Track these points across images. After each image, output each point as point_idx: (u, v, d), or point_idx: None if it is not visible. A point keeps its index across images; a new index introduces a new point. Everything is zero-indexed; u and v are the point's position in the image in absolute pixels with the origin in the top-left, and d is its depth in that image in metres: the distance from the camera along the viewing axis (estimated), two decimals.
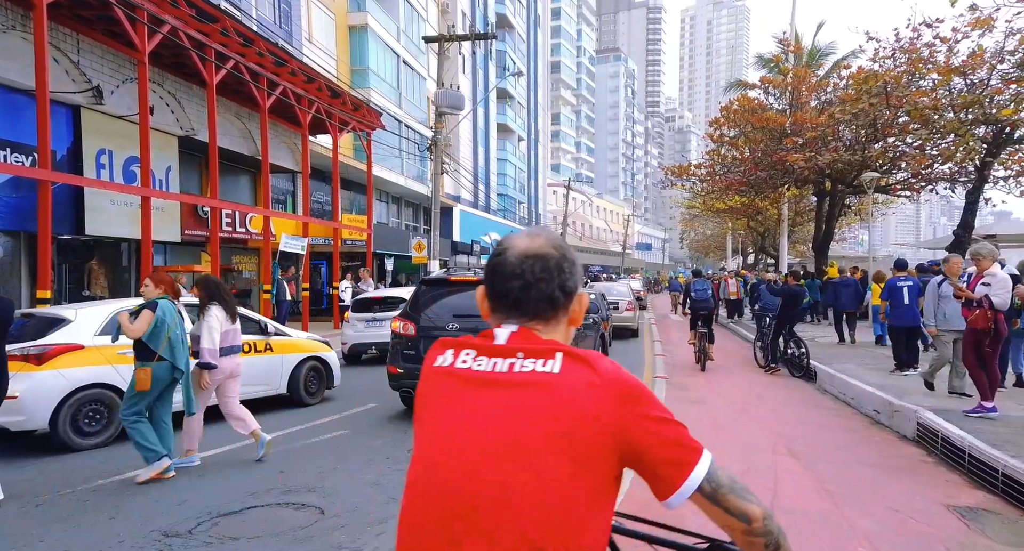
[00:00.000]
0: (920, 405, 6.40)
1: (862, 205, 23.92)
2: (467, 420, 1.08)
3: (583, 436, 1.02)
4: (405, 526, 1.10)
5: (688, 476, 1.06)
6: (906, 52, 13.88)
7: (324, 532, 3.86)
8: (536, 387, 1.06)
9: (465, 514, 1.02)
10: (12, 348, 5.53)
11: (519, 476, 1.00)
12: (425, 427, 1.15)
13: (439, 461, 1.08)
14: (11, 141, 10.80)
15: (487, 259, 1.26)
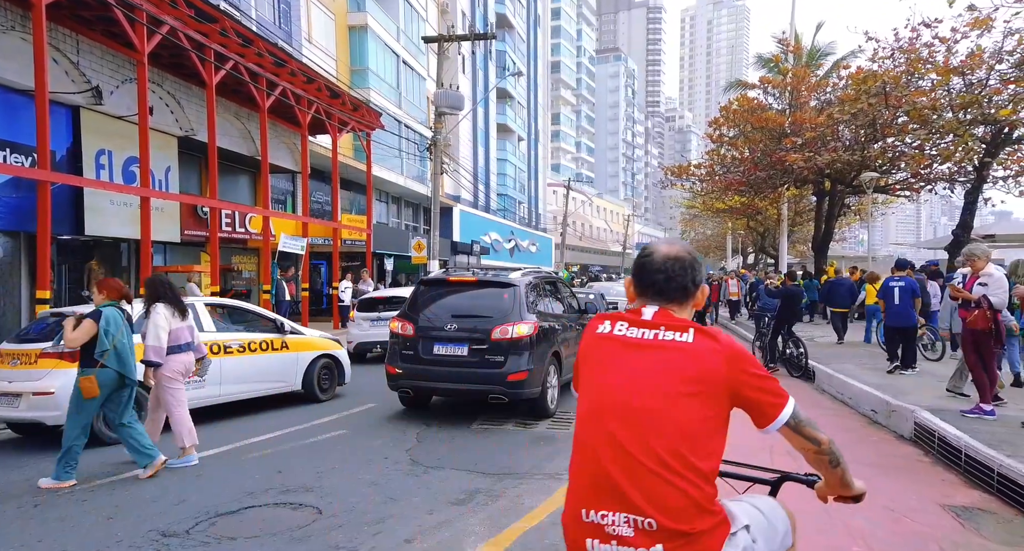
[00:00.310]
0: (917, 405, 6.41)
1: (861, 205, 23.94)
2: (625, 370, 1.57)
3: (707, 384, 1.52)
4: (581, 443, 1.59)
5: (779, 414, 1.60)
6: (905, 52, 13.89)
7: (321, 532, 3.87)
8: (675, 350, 1.55)
9: (632, 434, 1.50)
10: (46, 346, 5.93)
11: (665, 408, 1.50)
12: (592, 376, 1.64)
13: (607, 397, 1.57)
14: (10, 141, 10.82)
15: (635, 259, 1.76)
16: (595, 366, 1.64)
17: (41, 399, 5.70)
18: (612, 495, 1.50)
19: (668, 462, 1.47)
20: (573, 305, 8.76)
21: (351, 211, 23.62)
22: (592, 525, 1.51)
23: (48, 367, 5.82)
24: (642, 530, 1.46)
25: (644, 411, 1.51)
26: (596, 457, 1.53)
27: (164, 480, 4.93)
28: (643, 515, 1.46)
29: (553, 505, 4.33)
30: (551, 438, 6.27)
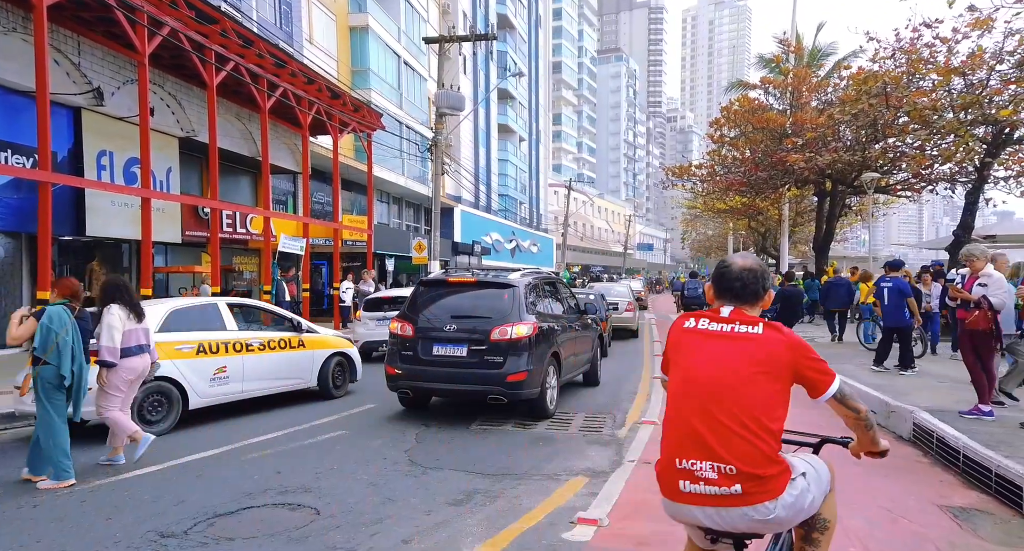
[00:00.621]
0: (916, 406, 6.41)
1: (863, 205, 23.91)
2: (710, 355, 2.05)
3: (773, 366, 2.01)
4: (676, 409, 2.07)
5: (828, 389, 2.08)
6: (906, 53, 13.88)
7: (319, 532, 3.88)
8: (747, 340, 2.04)
9: (715, 402, 1.98)
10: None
11: (742, 384, 1.98)
12: (682, 360, 2.13)
13: (696, 376, 2.05)
14: (12, 142, 10.85)
15: (715, 268, 2.26)
16: (685, 352, 2.13)
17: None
18: (701, 448, 1.98)
19: (746, 424, 1.95)
20: (573, 306, 8.76)
21: (352, 212, 23.64)
22: (684, 470, 2.00)
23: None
24: (724, 474, 1.95)
25: (726, 386, 1.99)
26: (688, 420, 2.02)
27: (163, 480, 4.94)
28: (725, 463, 1.94)
29: (551, 505, 4.34)
30: (550, 439, 6.27)
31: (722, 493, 1.94)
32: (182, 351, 6.73)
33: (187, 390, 6.73)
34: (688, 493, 1.99)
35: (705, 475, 1.96)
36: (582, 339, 8.61)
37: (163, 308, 6.93)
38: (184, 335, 6.84)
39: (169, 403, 6.57)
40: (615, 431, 6.57)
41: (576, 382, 9.18)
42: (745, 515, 1.96)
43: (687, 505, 2.01)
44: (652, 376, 10.17)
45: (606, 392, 8.89)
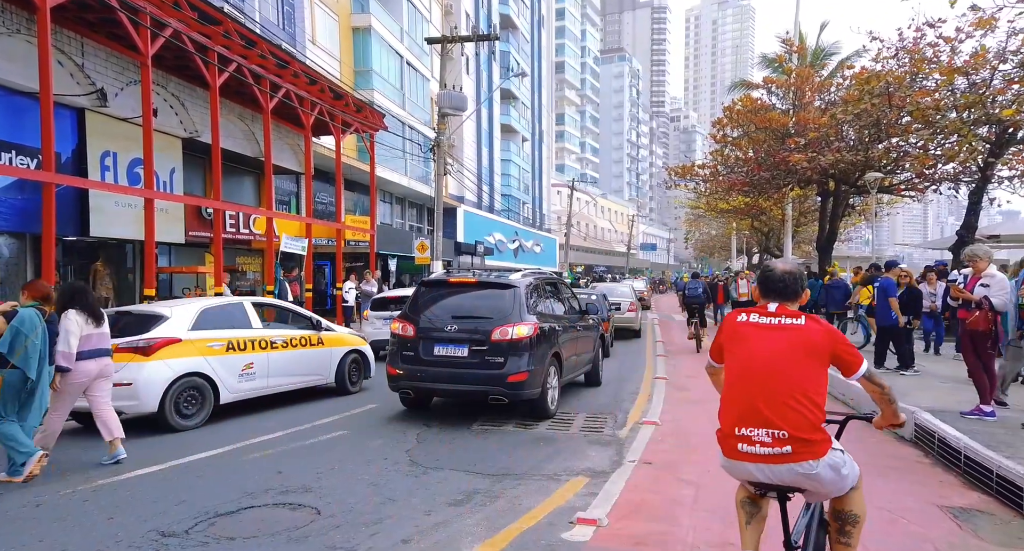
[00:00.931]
0: (917, 406, 6.39)
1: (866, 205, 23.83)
2: (763, 343, 2.49)
3: (816, 350, 2.43)
4: (735, 387, 2.53)
5: (859, 369, 2.48)
6: (909, 52, 13.83)
7: (319, 532, 3.89)
8: (793, 330, 2.47)
9: (770, 380, 2.41)
10: (119, 341, 6.32)
11: (791, 365, 2.41)
12: (737, 348, 2.57)
13: (752, 360, 2.48)
14: (16, 143, 10.89)
15: (760, 272, 2.72)
16: (740, 341, 2.57)
17: (120, 390, 6.12)
18: (758, 418, 2.42)
19: (796, 397, 2.38)
20: (574, 306, 8.77)
21: (355, 212, 23.68)
22: (743, 436, 2.45)
23: (124, 361, 6.29)
24: (777, 438, 2.38)
25: (778, 368, 2.43)
26: (747, 396, 2.46)
27: (164, 480, 4.97)
28: (778, 429, 2.38)
29: (551, 505, 4.35)
30: (551, 439, 6.28)
31: (774, 453, 2.38)
32: (213, 348, 7.02)
33: (218, 386, 7.04)
34: (745, 453, 2.44)
35: (760, 439, 2.40)
36: (583, 339, 8.62)
37: (194, 307, 7.22)
38: (214, 333, 7.12)
39: (202, 398, 6.88)
40: (616, 431, 6.57)
41: (578, 382, 9.19)
42: (792, 470, 2.39)
43: (744, 463, 2.47)
44: (654, 377, 10.17)
45: (608, 392, 8.89)
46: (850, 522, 2.59)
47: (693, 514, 4.25)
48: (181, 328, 6.86)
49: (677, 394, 8.75)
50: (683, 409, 7.77)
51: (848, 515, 2.59)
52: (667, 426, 6.80)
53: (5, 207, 10.86)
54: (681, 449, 5.93)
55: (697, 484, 4.88)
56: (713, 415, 7.85)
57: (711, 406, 8.12)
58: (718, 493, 4.68)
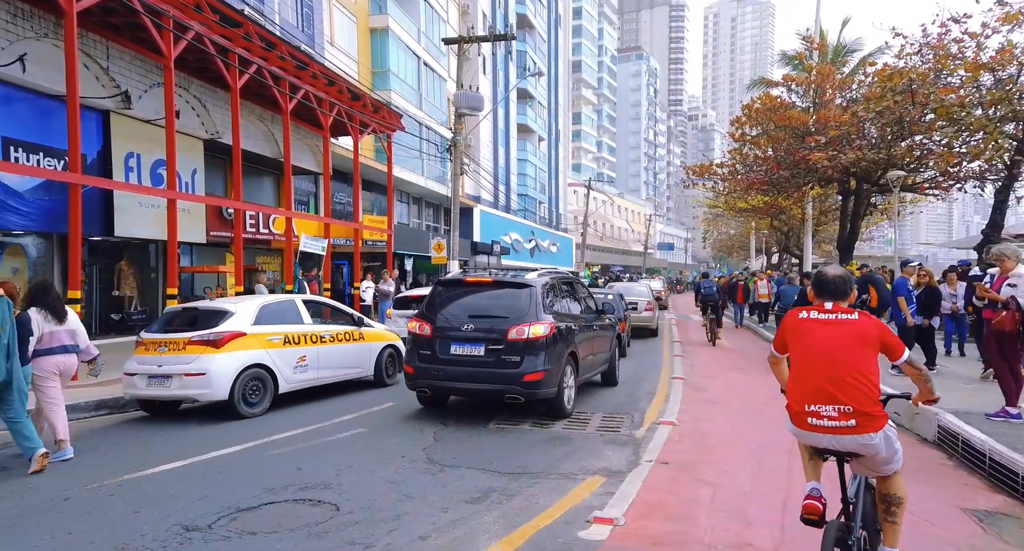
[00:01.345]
0: (941, 408, 6.29)
1: (888, 204, 23.46)
2: (825, 335, 2.91)
3: (869, 339, 2.86)
4: (802, 371, 2.94)
5: (903, 354, 2.94)
6: (933, 48, 13.60)
7: (338, 528, 3.94)
8: (850, 323, 2.91)
9: (835, 365, 2.84)
10: (192, 334, 7.08)
11: (852, 352, 2.85)
12: (800, 340, 2.99)
13: (815, 348, 2.91)
14: (43, 145, 11.14)
15: (814, 277, 3.19)
16: (803, 334, 3.01)
17: (193, 379, 6.84)
18: (826, 396, 2.86)
19: (857, 378, 2.83)
20: (591, 306, 8.75)
21: (372, 212, 23.85)
22: (812, 412, 2.89)
23: (197, 352, 6.95)
24: (843, 413, 2.82)
25: (840, 354, 2.87)
26: (814, 378, 2.90)
27: (187, 476, 5.06)
28: (843, 404, 2.82)
29: (568, 504, 4.36)
30: (567, 438, 6.28)
31: (840, 426, 2.83)
32: (272, 342, 7.57)
33: (277, 376, 7.58)
34: (814, 425, 2.90)
35: (828, 414, 2.85)
36: (600, 339, 8.60)
37: (255, 303, 7.83)
38: (273, 328, 7.68)
39: (264, 388, 7.45)
40: (633, 431, 6.55)
41: (594, 382, 9.18)
42: (854, 440, 2.84)
43: (813, 433, 2.93)
44: (671, 377, 10.11)
45: (624, 392, 8.87)
46: (895, 504, 3.04)
47: (711, 514, 4.23)
48: (245, 323, 7.40)
49: (694, 394, 8.70)
50: (701, 409, 7.72)
51: (893, 497, 3.04)
52: (684, 426, 6.76)
53: (33, 208, 11.10)
54: (698, 449, 5.90)
55: (715, 484, 4.86)
56: (730, 416, 7.82)
57: (728, 406, 8.11)
58: (736, 494, 4.65)
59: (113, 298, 14.13)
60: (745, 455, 5.75)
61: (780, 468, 5.30)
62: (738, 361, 12.63)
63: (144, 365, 7.12)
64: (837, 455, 2.96)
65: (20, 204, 10.89)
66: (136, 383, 7.10)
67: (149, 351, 7.20)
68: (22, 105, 10.79)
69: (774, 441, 6.24)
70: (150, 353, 7.18)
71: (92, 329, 13.20)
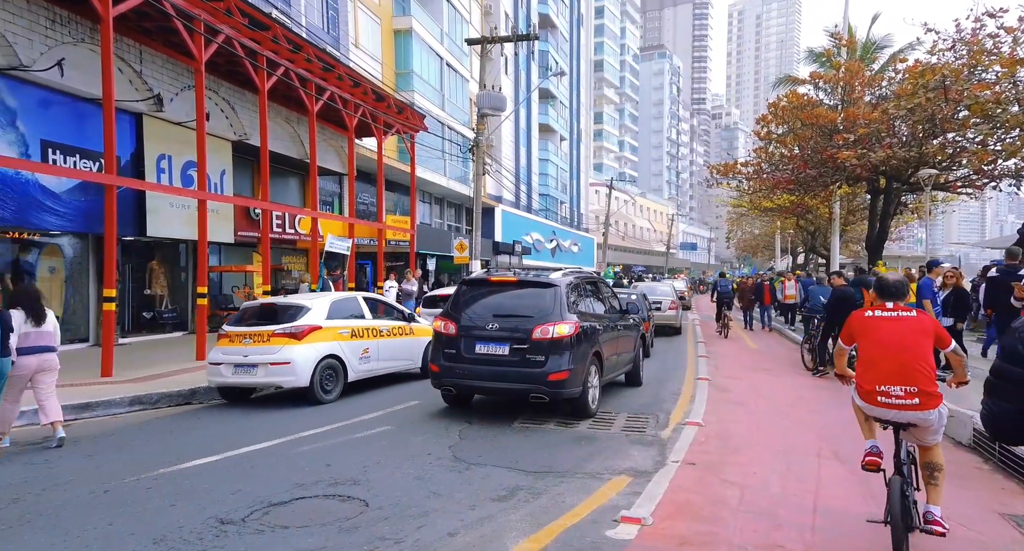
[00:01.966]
0: (976, 410, 6.15)
1: (919, 203, 22.96)
2: (891, 329, 3.57)
3: (926, 331, 3.54)
4: (873, 358, 3.57)
5: (951, 344, 3.61)
6: (967, 44, 13.29)
7: (368, 524, 4.00)
8: (910, 319, 3.58)
9: (901, 353, 3.49)
10: (275, 328, 7.71)
11: (914, 342, 3.50)
12: (869, 333, 3.63)
13: (883, 341, 3.55)
14: (80, 147, 11.46)
15: (875, 283, 3.88)
16: (872, 329, 3.62)
17: (279, 367, 7.53)
18: (894, 378, 3.46)
19: (919, 362, 3.44)
20: (614, 305, 8.73)
21: (395, 212, 24.05)
22: (882, 392, 3.48)
23: (280, 344, 7.61)
24: (908, 392, 3.41)
25: (906, 344, 3.48)
26: (885, 365, 3.50)
27: (220, 470, 5.17)
28: (909, 385, 3.42)
29: (594, 503, 4.36)
30: (592, 438, 6.28)
31: (906, 403, 3.43)
32: (342, 334, 8.21)
33: (347, 366, 8.21)
34: (884, 403, 3.50)
35: (896, 394, 3.45)
36: (624, 339, 8.57)
37: (327, 299, 8.46)
38: (342, 322, 8.33)
39: (337, 376, 8.12)
40: (658, 432, 6.53)
41: (618, 382, 9.15)
42: (916, 415, 3.44)
43: (883, 409, 3.52)
44: (696, 377, 10.04)
45: (648, 393, 8.83)
46: (936, 469, 3.60)
47: (739, 515, 4.20)
48: (320, 317, 8.02)
49: (720, 395, 8.63)
50: (726, 410, 7.66)
51: (935, 465, 3.61)
52: (710, 427, 6.72)
53: (70, 209, 11.43)
54: (725, 450, 5.85)
55: (742, 485, 4.82)
56: (756, 417, 7.74)
57: (754, 408, 8.04)
58: (764, 495, 4.61)
59: (145, 297, 14.47)
60: (772, 457, 5.69)
61: (809, 470, 5.24)
62: (763, 362, 12.48)
63: (229, 355, 7.72)
64: (895, 425, 3.56)
65: (57, 205, 11.22)
66: (222, 372, 7.71)
67: (234, 343, 7.79)
68: (59, 109, 11.12)
69: (801, 443, 6.17)
70: (235, 345, 7.76)
71: (125, 327, 13.55)
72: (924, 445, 3.60)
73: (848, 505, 4.43)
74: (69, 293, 12.28)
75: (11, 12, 9.58)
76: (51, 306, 5.93)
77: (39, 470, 5.16)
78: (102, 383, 8.34)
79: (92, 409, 7.20)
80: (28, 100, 10.53)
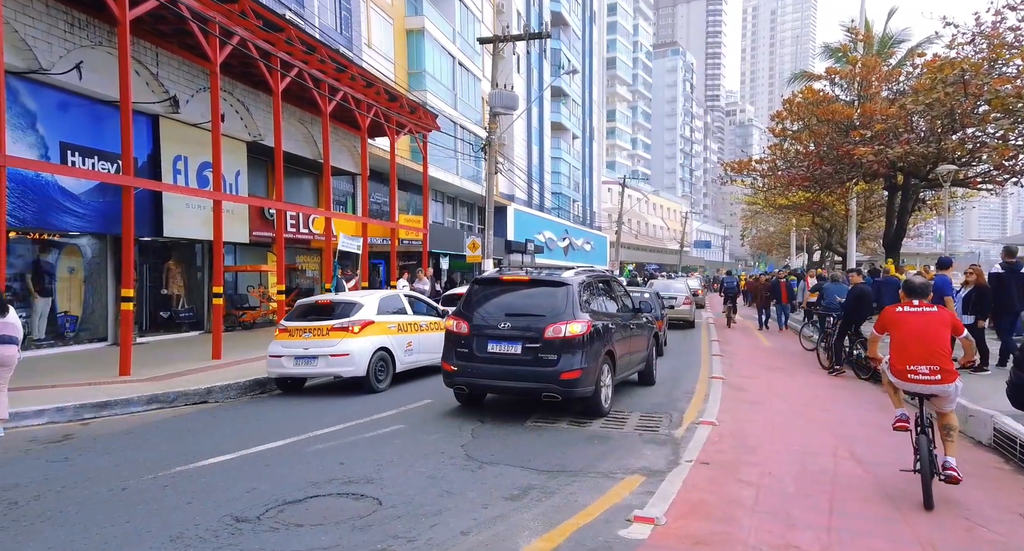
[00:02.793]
0: (997, 410, 6.05)
1: (938, 199, 22.63)
2: (917, 321, 4.58)
3: (945, 323, 4.58)
4: (903, 344, 4.56)
5: (963, 332, 4.70)
6: (987, 37, 13.08)
7: (382, 522, 4.02)
8: (933, 313, 4.61)
9: (926, 340, 4.49)
10: (334, 322, 8.41)
11: (936, 332, 4.51)
12: (898, 325, 4.64)
13: (911, 330, 4.55)
14: (98, 149, 11.62)
15: (904, 284, 4.99)
16: (901, 322, 4.56)
17: (338, 359, 8.28)
18: (921, 359, 4.41)
19: (940, 347, 4.41)
20: (627, 304, 8.69)
21: (408, 211, 24.13)
22: (912, 370, 4.43)
23: (338, 337, 8.34)
24: (932, 370, 4.36)
25: (930, 333, 4.44)
26: (912, 349, 4.45)
27: (235, 469, 5.22)
28: (933, 364, 4.37)
29: (607, 503, 4.35)
30: (605, 437, 6.26)
31: (930, 379, 4.38)
32: (391, 329, 8.98)
33: (395, 358, 8.93)
34: (912, 379, 4.45)
35: (923, 371, 4.40)
36: (637, 338, 8.53)
37: (376, 297, 9.26)
38: (389, 317, 9.07)
39: (387, 367, 8.86)
40: (672, 431, 6.49)
41: (631, 381, 9.11)
42: (938, 388, 4.39)
43: (911, 383, 4.48)
44: (710, 376, 9.97)
45: (661, 392, 8.79)
46: (952, 429, 4.52)
47: (754, 515, 4.17)
48: (372, 312, 8.75)
49: (734, 394, 8.56)
50: (741, 410, 7.60)
51: (950, 426, 4.53)
52: (724, 427, 6.67)
53: (88, 210, 11.59)
54: (739, 450, 5.81)
55: (757, 485, 4.78)
56: (771, 417, 7.69)
57: (769, 407, 7.97)
58: (779, 495, 4.57)
59: (162, 297, 14.65)
60: (788, 457, 5.63)
61: (825, 470, 5.19)
62: (778, 361, 12.37)
63: (290, 348, 8.40)
64: (921, 397, 4.51)
65: (76, 206, 11.38)
66: (283, 363, 8.39)
67: (294, 337, 8.45)
68: (78, 111, 11.27)
69: (817, 443, 6.11)
70: (295, 338, 8.42)
71: (143, 326, 13.73)
72: (942, 412, 4.54)
73: (865, 506, 4.38)
74: (88, 293, 12.46)
75: (31, 16, 9.73)
76: (71, 306, 5.95)
77: (59, 468, 5.25)
78: (120, 382, 8.46)
79: (111, 407, 7.30)
80: (47, 103, 10.69)
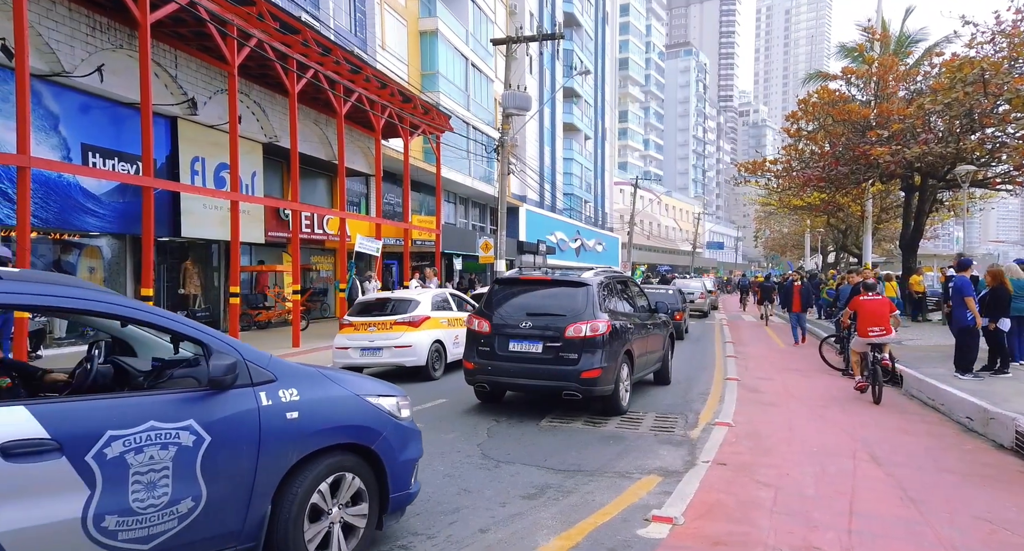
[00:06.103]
0: (1019, 412, 5.98)
1: (956, 200, 22.36)
2: (871, 305, 8.36)
3: (886, 305, 8.39)
4: (866, 317, 8.28)
5: (896, 311, 8.67)
6: (1007, 36, 12.91)
7: (400, 519, 4.04)
8: (880, 299, 8.51)
9: (876, 315, 8.25)
10: (396, 317, 9.31)
11: (881, 309, 8.29)
12: (861, 307, 8.41)
13: (867, 309, 8.33)
14: (118, 151, 11.80)
15: (861, 282, 9.65)
16: (862, 305, 8.34)
17: (402, 350, 9.18)
18: (873, 323, 8.15)
19: (884, 317, 8.17)
20: (644, 304, 8.70)
21: (421, 212, 24.24)
22: (871, 331, 8.16)
23: (401, 331, 9.26)
24: (881, 331, 8.13)
25: (878, 311, 8.22)
26: (870, 318, 8.18)
27: None
28: (880, 326, 8.14)
29: (624, 502, 4.35)
30: (620, 437, 6.26)
31: (881, 333, 8.06)
32: (443, 324, 9.87)
33: (446, 350, 9.86)
34: (870, 335, 8.06)
35: (875, 331, 8.04)
36: (653, 337, 8.53)
37: (430, 294, 10.15)
38: (440, 313, 9.95)
39: (441, 358, 9.80)
40: (687, 431, 6.48)
41: (646, 381, 9.11)
42: (883, 338, 8.08)
43: (869, 338, 8.06)
44: (725, 377, 9.93)
45: (677, 392, 8.77)
46: (885, 351, 8.10)
47: (772, 516, 4.15)
48: (427, 309, 9.65)
49: (750, 395, 8.52)
50: (757, 411, 7.57)
51: (887, 353, 8.11)
52: (740, 427, 6.64)
53: (108, 210, 11.77)
54: (756, 451, 5.79)
55: (775, 486, 4.76)
56: (788, 418, 7.68)
57: (786, 408, 7.97)
58: (798, 497, 4.55)
59: (179, 296, 14.83)
60: (805, 458, 5.60)
61: (844, 472, 5.16)
62: (794, 362, 12.28)
63: (355, 341, 9.30)
64: (873, 346, 7.80)
65: (97, 207, 11.56)
66: (349, 354, 9.25)
67: (359, 330, 9.34)
68: (99, 113, 11.45)
69: (835, 444, 6.06)
70: (360, 332, 9.31)
71: None
72: (883, 351, 8.06)
73: (885, 508, 4.35)
74: None
75: (54, 20, 9.90)
76: None
77: None
78: None
79: None
80: (69, 105, 10.87)
